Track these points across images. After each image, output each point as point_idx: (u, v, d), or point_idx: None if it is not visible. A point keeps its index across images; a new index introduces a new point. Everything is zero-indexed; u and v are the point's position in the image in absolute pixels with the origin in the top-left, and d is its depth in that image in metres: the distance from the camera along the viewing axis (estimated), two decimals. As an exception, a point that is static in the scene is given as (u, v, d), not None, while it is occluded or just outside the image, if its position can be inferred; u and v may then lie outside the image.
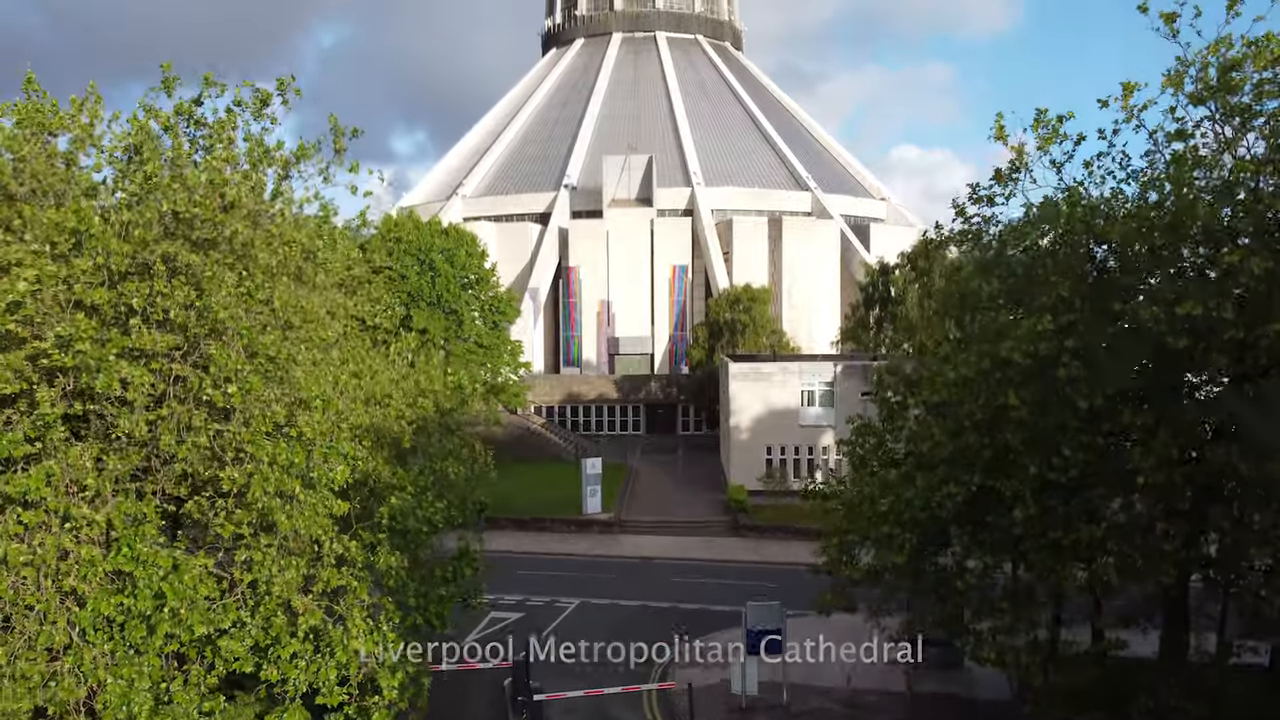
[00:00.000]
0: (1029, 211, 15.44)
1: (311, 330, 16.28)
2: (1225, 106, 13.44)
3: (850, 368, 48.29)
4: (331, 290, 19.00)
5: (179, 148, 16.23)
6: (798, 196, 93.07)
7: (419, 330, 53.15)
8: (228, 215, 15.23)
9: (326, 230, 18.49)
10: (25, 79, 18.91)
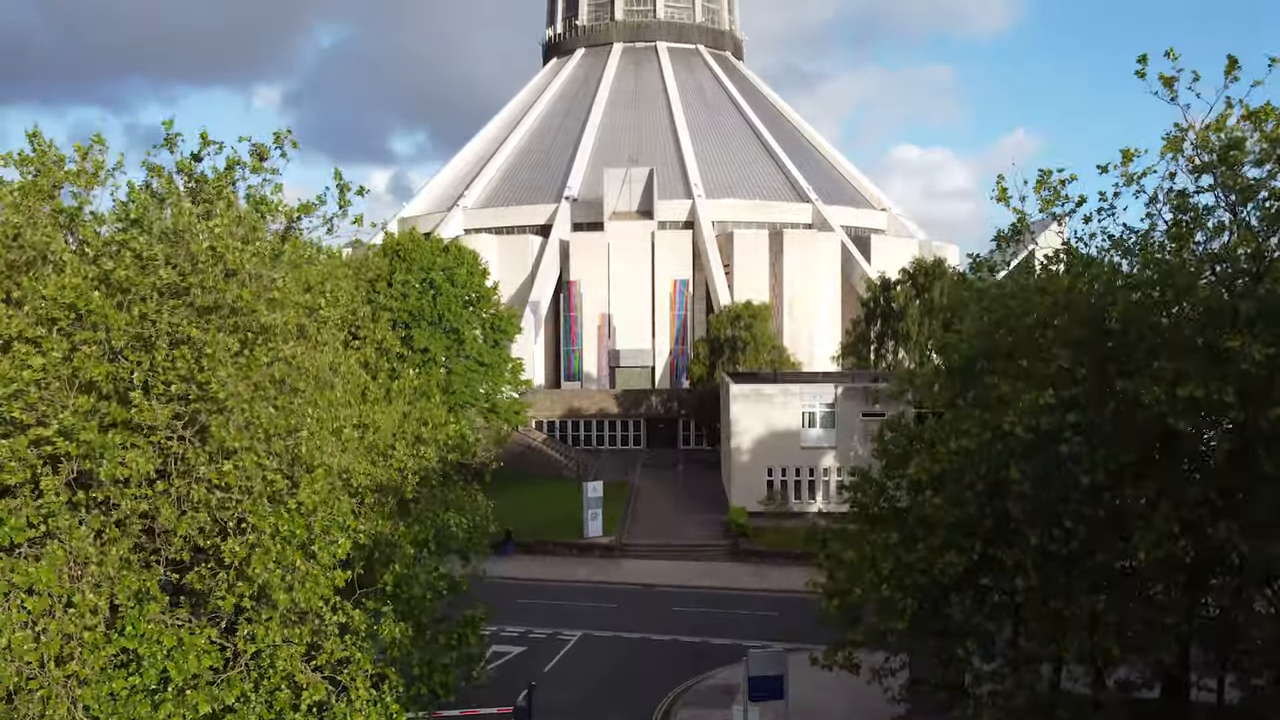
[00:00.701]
0: (1030, 276, 15.44)
1: (315, 394, 16.30)
2: (1226, 180, 13.47)
3: (851, 389, 48.29)
4: (335, 340, 19.03)
5: (180, 213, 16.26)
6: (798, 208, 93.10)
7: (420, 349, 53.20)
8: (229, 282, 15.27)
9: (330, 286, 18.53)
10: (30, 134, 19.05)
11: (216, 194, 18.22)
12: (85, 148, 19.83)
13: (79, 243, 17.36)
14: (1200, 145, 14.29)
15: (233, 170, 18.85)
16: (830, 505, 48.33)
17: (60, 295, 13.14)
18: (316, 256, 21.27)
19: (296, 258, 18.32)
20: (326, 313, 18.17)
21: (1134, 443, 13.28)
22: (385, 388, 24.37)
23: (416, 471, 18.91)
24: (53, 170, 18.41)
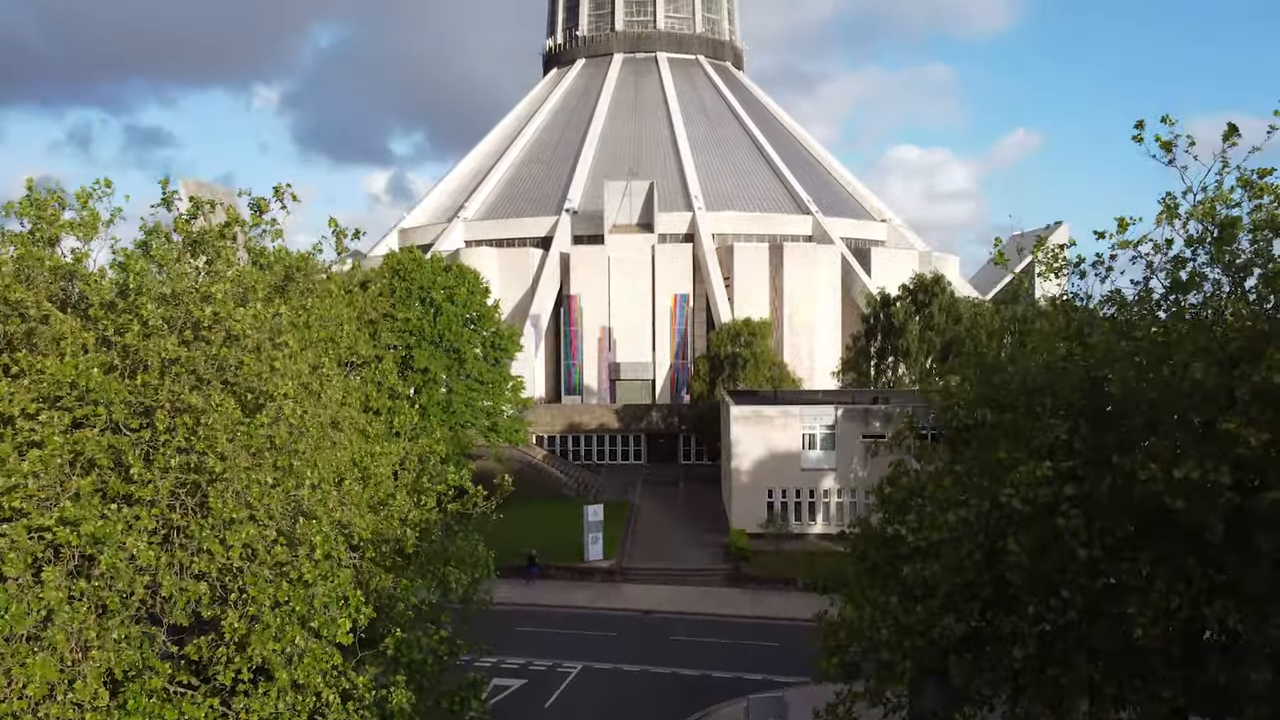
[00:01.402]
0: (1027, 343, 15.48)
1: (315, 454, 16.37)
2: (1222, 256, 13.54)
3: (851, 411, 48.33)
4: (338, 393, 19.07)
5: (180, 276, 16.32)
6: (798, 220, 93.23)
7: (420, 369, 53.30)
8: (231, 348, 15.34)
9: (331, 350, 18.62)
10: (27, 183, 19.17)
11: (216, 253, 18.29)
12: (85, 194, 20.01)
13: (79, 297, 17.51)
14: (1196, 215, 14.37)
15: (232, 225, 18.95)
16: (830, 527, 48.46)
17: (60, 374, 13.21)
18: (320, 304, 21.34)
19: (298, 319, 18.37)
20: (330, 369, 18.25)
21: (1131, 517, 13.31)
22: (386, 422, 24.45)
23: (417, 523, 18.96)
24: (53, 218, 18.55)
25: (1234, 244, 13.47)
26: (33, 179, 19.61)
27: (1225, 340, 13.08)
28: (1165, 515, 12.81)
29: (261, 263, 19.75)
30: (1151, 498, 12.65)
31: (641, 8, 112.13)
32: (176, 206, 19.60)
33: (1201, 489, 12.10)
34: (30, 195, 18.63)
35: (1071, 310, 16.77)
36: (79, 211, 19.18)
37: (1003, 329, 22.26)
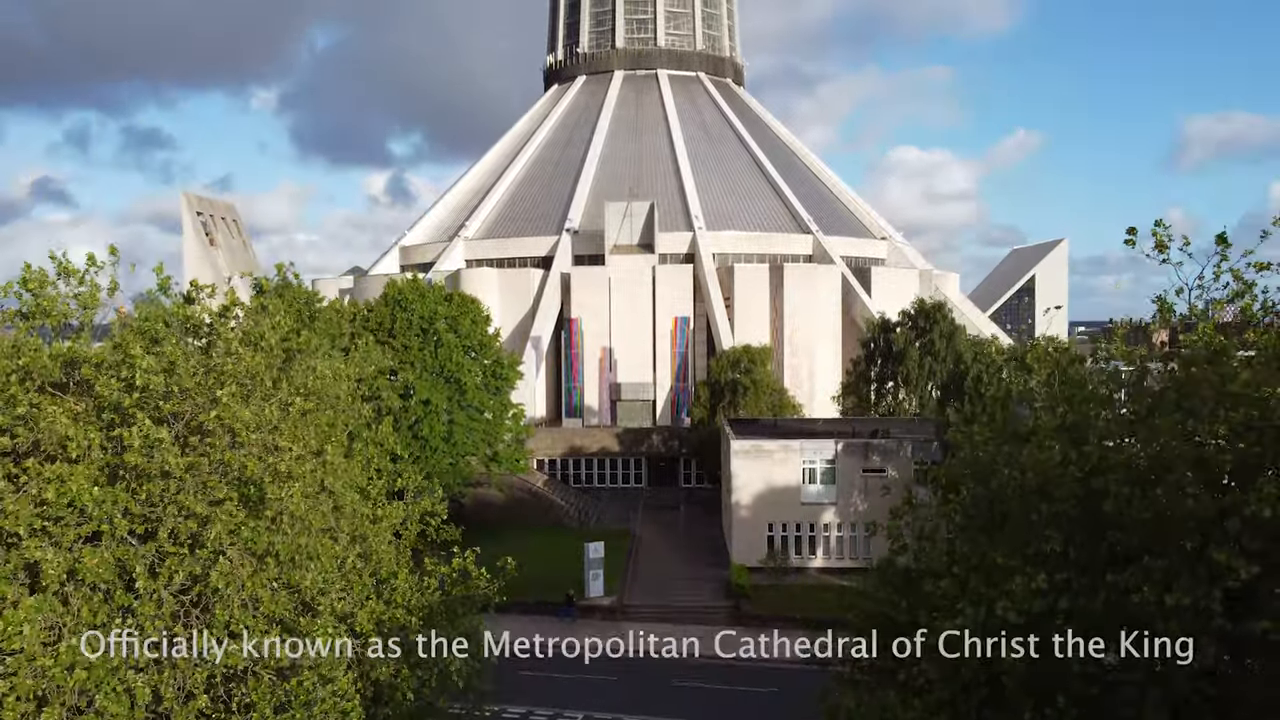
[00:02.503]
0: (1023, 449, 15.60)
1: (320, 550, 16.54)
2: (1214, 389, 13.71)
3: (851, 445, 48.46)
4: (343, 480, 19.22)
5: (185, 375, 16.47)
6: (799, 240, 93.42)
7: (422, 401, 53.43)
8: (234, 453, 15.52)
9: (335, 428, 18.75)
10: (25, 267, 19.35)
11: (217, 334, 18.47)
12: (80, 272, 20.18)
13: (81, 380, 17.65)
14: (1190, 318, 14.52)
15: (231, 309, 19.12)
16: (830, 561, 48.60)
17: (58, 498, 13.41)
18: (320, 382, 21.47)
19: (304, 403, 18.50)
20: (333, 456, 18.41)
21: (1126, 631, 13.44)
22: (388, 482, 24.56)
23: (420, 609, 19.11)
24: (50, 304, 18.72)
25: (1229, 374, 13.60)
26: (29, 264, 19.78)
27: (1218, 457, 13.21)
28: (1157, 635, 12.95)
29: (264, 345, 19.85)
30: (1145, 617, 12.79)
31: (642, 25, 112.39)
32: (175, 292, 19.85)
33: (1193, 614, 12.24)
34: (25, 277, 18.85)
35: (1070, 404, 16.84)
36: (77, 284, 19.45)
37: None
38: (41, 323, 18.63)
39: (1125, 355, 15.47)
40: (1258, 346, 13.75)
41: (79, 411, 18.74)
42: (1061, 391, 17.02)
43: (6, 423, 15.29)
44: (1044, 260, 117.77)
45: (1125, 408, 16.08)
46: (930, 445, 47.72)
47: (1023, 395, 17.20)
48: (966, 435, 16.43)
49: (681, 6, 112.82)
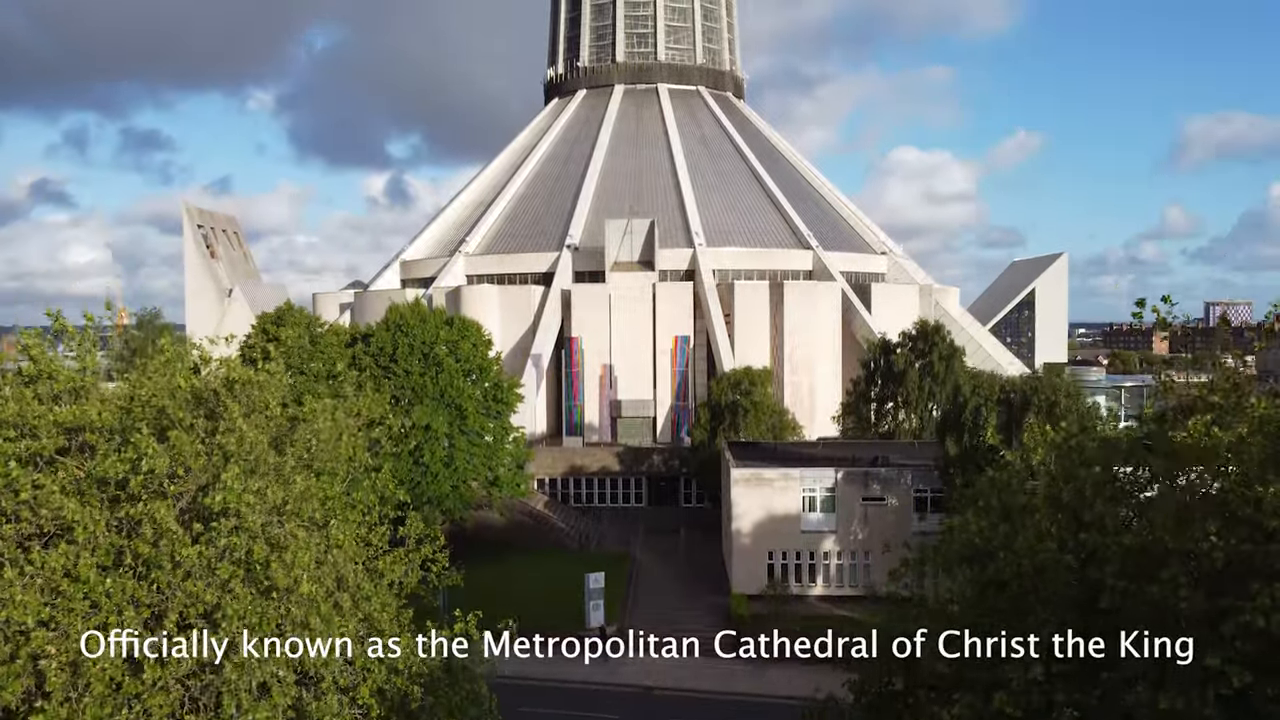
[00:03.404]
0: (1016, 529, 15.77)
1: (326, 627, 16.72)
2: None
3: (851, 474, 48.61)
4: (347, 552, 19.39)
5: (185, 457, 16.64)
6: (799, 255, 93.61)
7: (423, 426, 53.57)
8: (239, 536, 15.70)
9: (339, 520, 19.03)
10: (27, 345, 19.68)
11: (220, 405, 18.64)
12: (78, 333, 20.43)
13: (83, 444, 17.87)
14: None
15: (233, 385, 19.29)
16: (830, 589, 48.75)
17: (55, 570, 13.63)
18: (322, 446, 21.63)
19: (306, 480, 18.64)
20: (337, 533, 18.57)
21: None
22: (389, 530, 24.69)
23: (421, 676, 19.25)
24: (52, 369, 18.97)
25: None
26: (25, 331, 20.07)
27: (1211, 554, 13.34)
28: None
29: (268, 414, 19.97)
30: (1140, 716, 12.95)
31: (642, 39, 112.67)
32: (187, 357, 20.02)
33: (1188, 715, 12.40)
34: (27, 344, 19.11)
35: (1067, 478, 16.94)
36: (77, 348, 19.78)
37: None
38: (47, 388, 18.90)
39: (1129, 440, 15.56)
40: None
41: (81, 477, 18.92)
42: (1060, 466, 17.19)
43: (10, 508, 15.46)
44: (1044, 274, 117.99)
45: (1121, 481, 16.22)
46: (931, 473, 47.87)
47: (1018, 476, 17.26)
48: (962, 522, 16.55)
49: (682, 20, 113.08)
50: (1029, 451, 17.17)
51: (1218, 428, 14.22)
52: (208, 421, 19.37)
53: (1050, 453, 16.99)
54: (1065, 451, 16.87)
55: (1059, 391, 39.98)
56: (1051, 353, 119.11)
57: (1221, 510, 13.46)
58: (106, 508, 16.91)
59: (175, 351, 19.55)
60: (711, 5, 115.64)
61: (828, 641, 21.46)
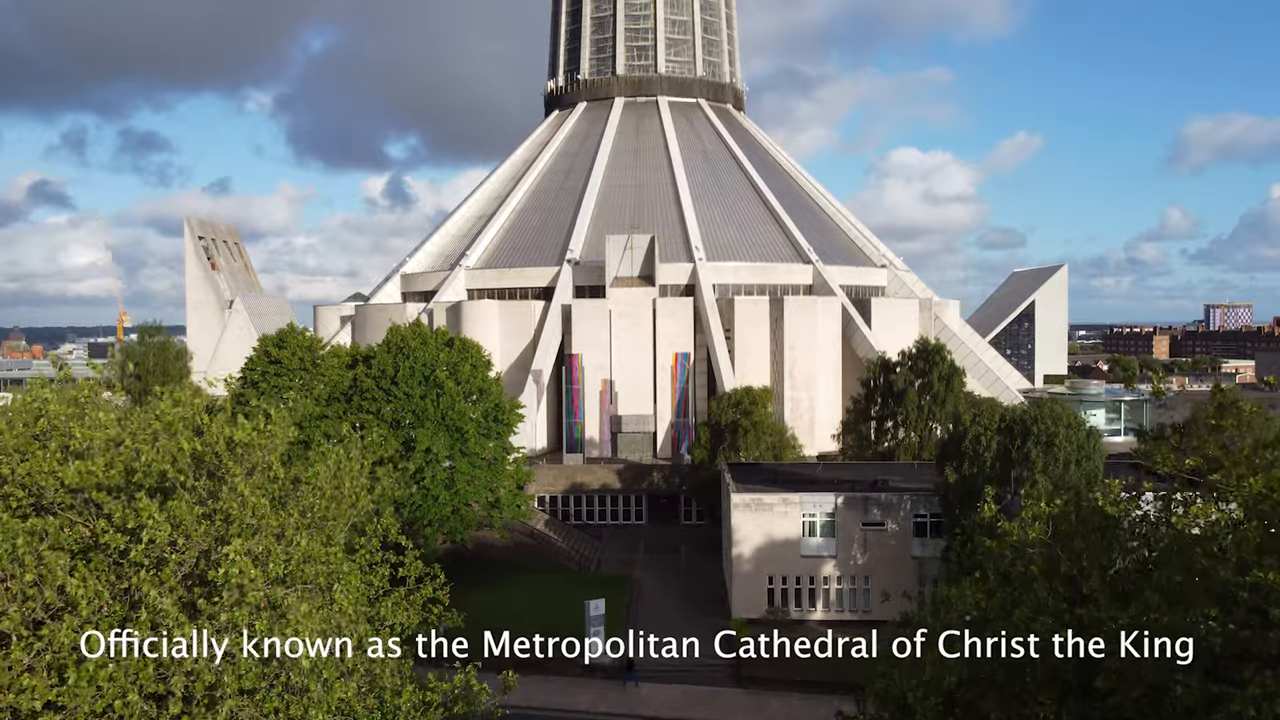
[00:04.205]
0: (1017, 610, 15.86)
1: (328, 695, 16.85)
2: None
3: (851, 499, 48.70)
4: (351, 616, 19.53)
5: (186, 526, 16.75)
6: (799, 269, 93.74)
7: (423, 451, 53.65)
8: (242, 610, 15.80)
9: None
10: (30, 397, 19.87)
11: (226, 470, 18.75)
12: (87, 382, 20.64)
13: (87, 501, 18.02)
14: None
15: (236, 450, 19.40)
16: (830, 613, 48.83)
17: (81, 679, 13.71)
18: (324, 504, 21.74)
19: (309, 544, 18.75)
20: (342, 599, 18.69)
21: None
22: (389, 571, 24.80)
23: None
24: (56, 421, 19.10)
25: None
26: (33, 380, 20.25)
27: (1208, 638, 13.43)
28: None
29: (272, 474, 20.04)
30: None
31: (643, 51, 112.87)
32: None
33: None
34: (37, 406, 19.27)
35: (1065, 549, 17.06)
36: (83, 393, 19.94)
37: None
38: (57, 442, 19.07)
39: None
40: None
41: (86, 536, 19.08)
42: (1059, 535, 17.28)
43: (17, 588, 15.58)
44: (1044, 286, 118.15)
45: (1121, 555, 16.32)
46: (931, 498, 47.97)
47: (1016, 546, 17.33)
48: (959, 594, 16.64)
49: (682, 33, 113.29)
50: (1026, 524, 17.27)
51: (1217, 507, 14.33)
52: (210, 481, 19.51)
53: (1049, 523, 17.09)
54: (1064, 519, 17.01)
55: (1059, 423, 40.03)
56: (1051, 364, 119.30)
57: (1220, 593, 13.56)
58: (110, 571, 17.04)
59: (176, 414, 19.66)
60: (711, 18, 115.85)
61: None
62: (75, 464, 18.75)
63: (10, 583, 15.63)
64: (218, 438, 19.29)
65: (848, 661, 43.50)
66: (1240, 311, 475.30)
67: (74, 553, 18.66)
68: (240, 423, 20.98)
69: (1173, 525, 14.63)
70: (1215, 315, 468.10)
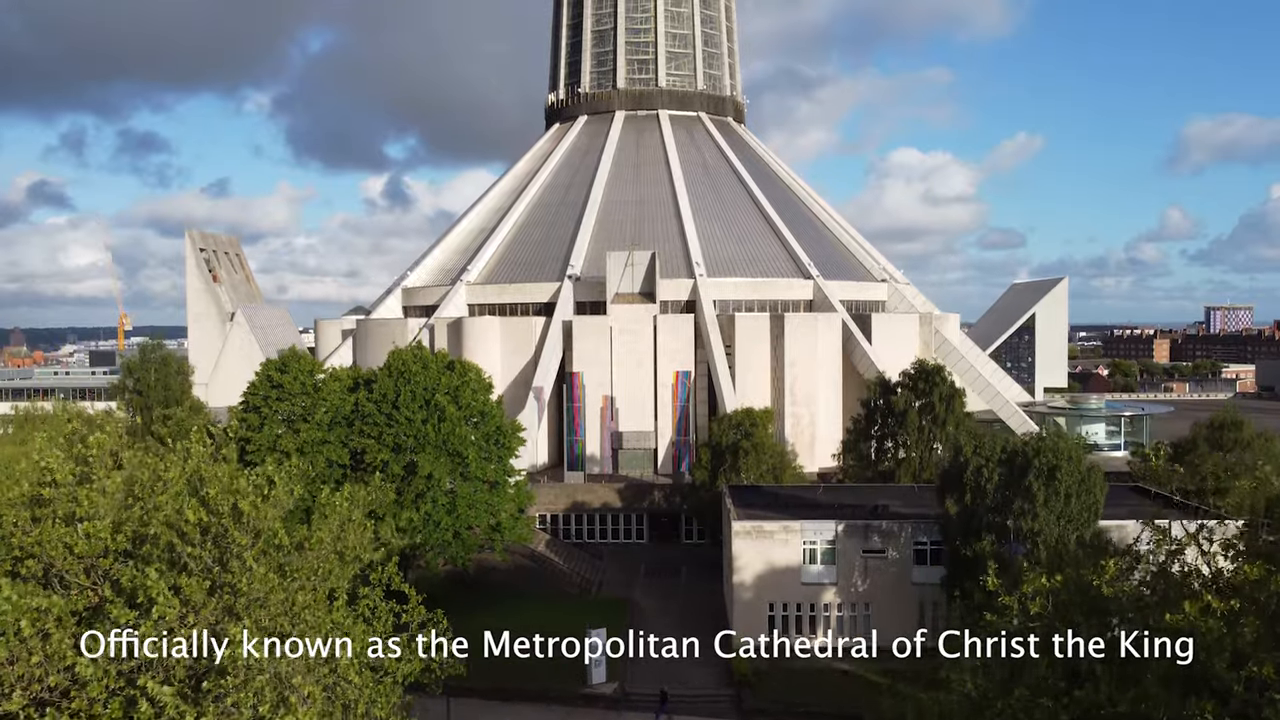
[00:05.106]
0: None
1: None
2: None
3: (852, 526, 48.81)
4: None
5: (194, 599, 16.91)
6: (799, 285, 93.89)
7: (424, 476, 53.75)
8: (245, 693, 15.98)
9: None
10: (37, 462, 20.07)
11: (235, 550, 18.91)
12: (97, 441, 20.83)
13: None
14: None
15: (241, 520, 19.55)
16: (831, 641, 48.91)
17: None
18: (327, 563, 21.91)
19: (314, 613, 18.91)
20: (346, 665, 18.86)
21: None
22: (391, 618, 24.93)
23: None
24: (80, 493, 19.32)
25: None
26: (51, 454, 20.44)
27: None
28: None
29: (277, 543, 20.17)
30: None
31: (643, 65, 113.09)
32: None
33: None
34: (50, 474, 19.46)
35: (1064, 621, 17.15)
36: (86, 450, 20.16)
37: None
38: (65, 508, 19.25)
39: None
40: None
41: (95, 602, 19.24)
42: (1059, 607, 17.39)
43: (24, 670, 15.73)
44: (1044, 299, 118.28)
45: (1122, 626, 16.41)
46: (931, 525, 48.06)
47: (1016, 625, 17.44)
48: (959, 679, 16.75)
49: (683, 47, 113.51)
50: (1027, 600, 17.39)
51: (1215, 598, 14.44)
52: (216, 548, 19.68)
53: (1048, 597, 17.20)
54: (1063, 591, 17.12)
55: (1060, 455, 40.14)
56: (1052, 377, 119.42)
57: (1216, 688, 13.70)
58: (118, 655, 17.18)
59: (182, 484, 19.82)
60: (712, 31, 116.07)
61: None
62: (84, 526, 18.92)
63: (17, 665, 15.77)
64: (223, 507, 19.43)
65: (851, 694, 43.67)
66: (1241, 314, 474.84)
67: (81, 618, 18.84)
68: (242, 487, 21.16)
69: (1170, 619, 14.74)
70: (1216, 318, 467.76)
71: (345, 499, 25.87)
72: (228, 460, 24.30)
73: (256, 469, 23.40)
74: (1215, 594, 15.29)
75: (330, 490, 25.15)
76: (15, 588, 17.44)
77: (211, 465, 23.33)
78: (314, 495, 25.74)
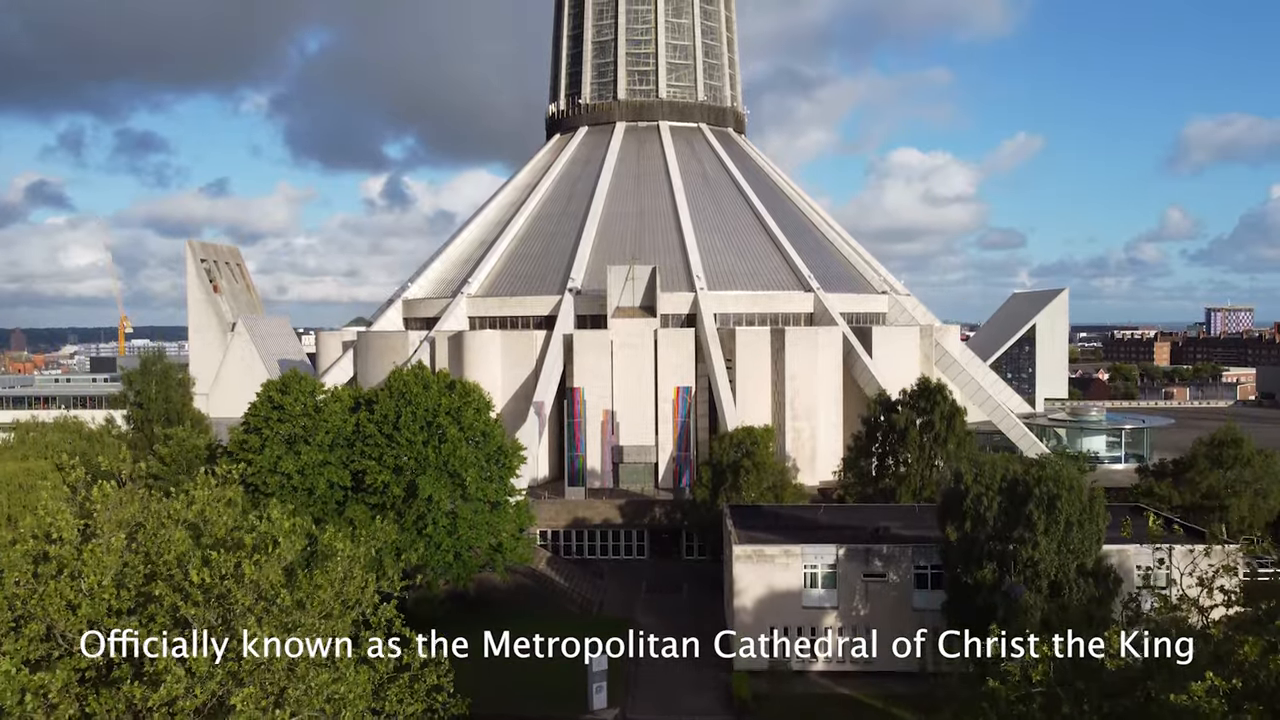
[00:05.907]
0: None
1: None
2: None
3: (853, 550, 48.86)
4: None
5: (200, 668, 16.97)
6: (800, 298, 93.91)
7: (425, 498, 53.81)
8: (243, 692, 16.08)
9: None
10: (41, 509, 20.17)
11: (229, 608, 18.98)
12: (99, 495, 20.93)
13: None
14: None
15: (244, 582, 19.61)
16: (832, 665, 48.96)
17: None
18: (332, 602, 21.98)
19: (318, 677, 18.98)
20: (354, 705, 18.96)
21: None
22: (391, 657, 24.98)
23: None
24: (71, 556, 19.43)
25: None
26: (56, 507, 20.49)
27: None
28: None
29: (280, 604, 20.19)
30: None
31: (644, 76, 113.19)
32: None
33: None
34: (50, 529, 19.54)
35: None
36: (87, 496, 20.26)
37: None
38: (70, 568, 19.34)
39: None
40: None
41: (100, 664, 19.30)
42: (1060, 671, 17.42)
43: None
44: (1045, 309, 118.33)
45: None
46: (932, 549, 48.11)
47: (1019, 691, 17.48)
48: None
49: (683, 58, 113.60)
50: (1029, 667, 17.45)
51: (1217, 678, 14.48)
52: (220, 607, 19.75)
53: (1050, 665, 17.24)
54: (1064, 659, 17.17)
55: (1061, 484, 40.17)
56: (1052, 387, 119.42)
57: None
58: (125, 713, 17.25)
59: (188, 546, 19.91)
60: (712, 42, 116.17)
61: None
62: (87, 582, 18.98)
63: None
64: (225, 568, 19.46)
65: (851, 718, 43.62)
66: (1241, 315, 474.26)
67: (85, 676, 18.91)
68: (245, 542, 21.23)
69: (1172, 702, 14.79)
70: (1216, 319, 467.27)
71: (347, 541, 25.89)
72: (232, 505, 24.35)
73: (260, 516, 23.45)
74: (1214, 665, 15.33)
75: (333, 530, 25.11)
76: (18, 652, 17.51)
77: (215, 508, 23.40)
78: (315, 533, 25.72)
